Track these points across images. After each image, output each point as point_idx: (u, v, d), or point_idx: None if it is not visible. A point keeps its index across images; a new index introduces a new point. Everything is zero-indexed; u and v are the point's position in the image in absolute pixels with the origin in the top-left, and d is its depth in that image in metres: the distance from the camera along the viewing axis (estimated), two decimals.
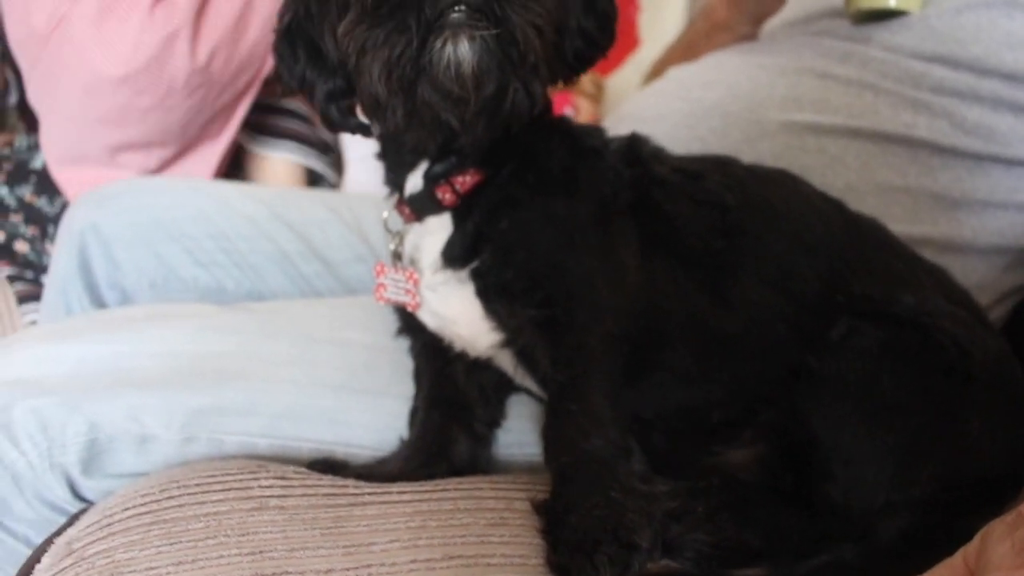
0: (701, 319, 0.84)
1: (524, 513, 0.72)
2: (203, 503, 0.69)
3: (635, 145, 0.92)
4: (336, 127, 0.81)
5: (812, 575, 0.70)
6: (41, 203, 1.67)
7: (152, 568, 0.63)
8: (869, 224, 0.92)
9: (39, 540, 0.84)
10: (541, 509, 0.72)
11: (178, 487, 0.72)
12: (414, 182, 0.85)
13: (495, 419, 0.91)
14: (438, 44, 0.66)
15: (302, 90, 0.81)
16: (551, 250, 0.81)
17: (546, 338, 0.81)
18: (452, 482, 0.77)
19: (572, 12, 0.78)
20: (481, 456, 0.89)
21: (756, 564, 0.71)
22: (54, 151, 1.61)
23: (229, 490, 0.72)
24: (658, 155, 0.92)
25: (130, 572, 0.63)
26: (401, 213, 0.88)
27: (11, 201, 1.66)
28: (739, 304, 0.84)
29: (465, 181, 0.82)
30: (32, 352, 0.89)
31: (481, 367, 0.90)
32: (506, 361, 0.87)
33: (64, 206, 1.64)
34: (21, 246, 1.66)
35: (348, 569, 0.65)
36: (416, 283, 0.87)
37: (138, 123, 1.54)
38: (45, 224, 1.66)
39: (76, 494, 0.86)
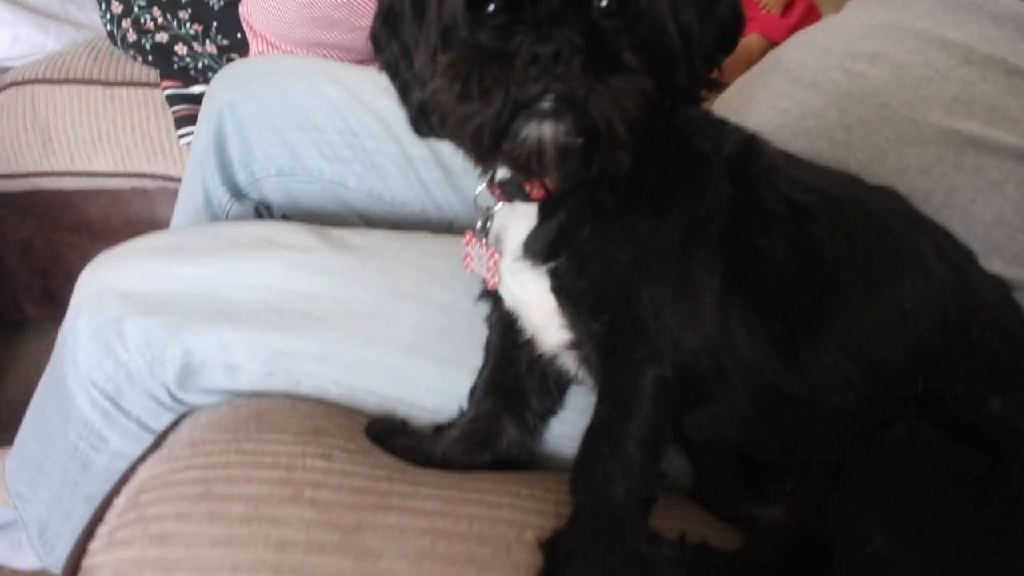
0: (767, 372, 0.81)
1: (530, 546, 0.76)
2: (249, 480, 0.78)
3: (749, 156, 0.84)
4: (423, 136, 0.79)
5: None
6: None
7: (191, 544, 0.73)
8: (989, 296, 0.82)
9: (150, 423, 0.98)
10: (545, 549, 0.76)
11: (236, 451, 0.81)
12: (504, 170, 0.83)
13: (552, 409, 0.93)
14: (523, 127, 0.66)
15: (394, 84, 0.80)
16: (626, 272, 0.78)
17: (603, 363, 0.81)
18: (476, 494, 0.81)
19: (678, 65, 0.71)
20: (527, 447, 0.92)
21: None
22: (258, 12, 1.63)
23: (275, 467, 0.79)
24: (770, 174, 0.84)
25: (173, 543, 0.73)
26: (492, 192, 0.87)
27: None
28: (810, 367, 0.80)
29: None
30: (147, 267, 0.98)
31: (547, 359, 0.91)
32: (570, 361, 0.88)
33: (228, 2, 1.69)
34: (180, 48, 1.73)
35: None
36: (496, 264, 0.87)
37: (347, 32, 1.57)
38: (209, 21, 1.71)
39: (176, 399, 0.98)
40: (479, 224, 0.89)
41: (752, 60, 1.69)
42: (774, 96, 1.07)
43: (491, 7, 0.68)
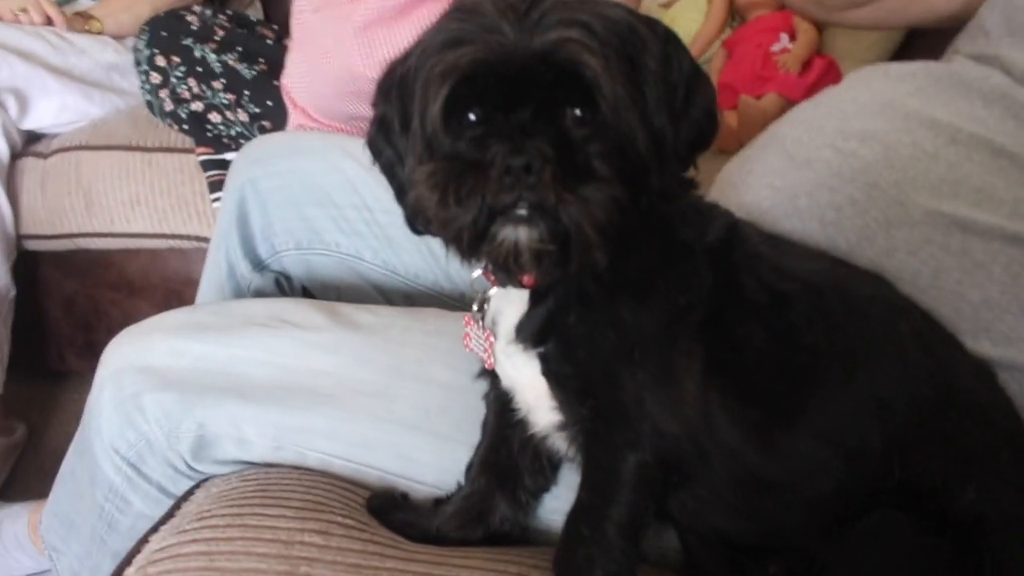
0: (745, 457, 0.83)
1: None
2: (249, 555, 0.82)
3: (732, 243, 0.87)
4: (417, 233, 0.83)
5: None
6: (241, 68, 1.80)
7: None
8: (971, 383, 0.84)
9: (169, 487, 1.04)
10: None
11: (239, 526, 0.86)
12: None
13: (544, 487, 0.97)
14: (500, 230, 0.69)
15: (392, 185, 0.84)
16: (609, 358, 0.81)
17: (586, 446, 0.84)
18: (465, 572, 0.84)
19: (650, 169, 0.75)
20: (519, 522, 0.95)
21: None
22: (300, 87, 1.68)
23: (274, 542, 0.84)
24: (752, 262, 0.86)
25: None
26: (487, 277, 0.91)
27: (216, 66, 1.81)
28: (787, 453, 0.82)
29: None
30: (164, 345, 1.04)
31: (539, 439, 0.94)
32: (561, 441, 0.91)
33: (260, 73, 1.76)
34: (214, 116, 1.82)
35: None
36: (492, 345, 0.91)
37: None
38: (241, 90, 1.80)
39: (192, 467, 1.03)
40: (476, 307, 0.93)
41: (767, 121, 1.71)
42: (770, 174, 1.10)
43: (469, 117, 0.72)
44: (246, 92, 1.79)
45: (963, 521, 0.75)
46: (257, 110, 1.79)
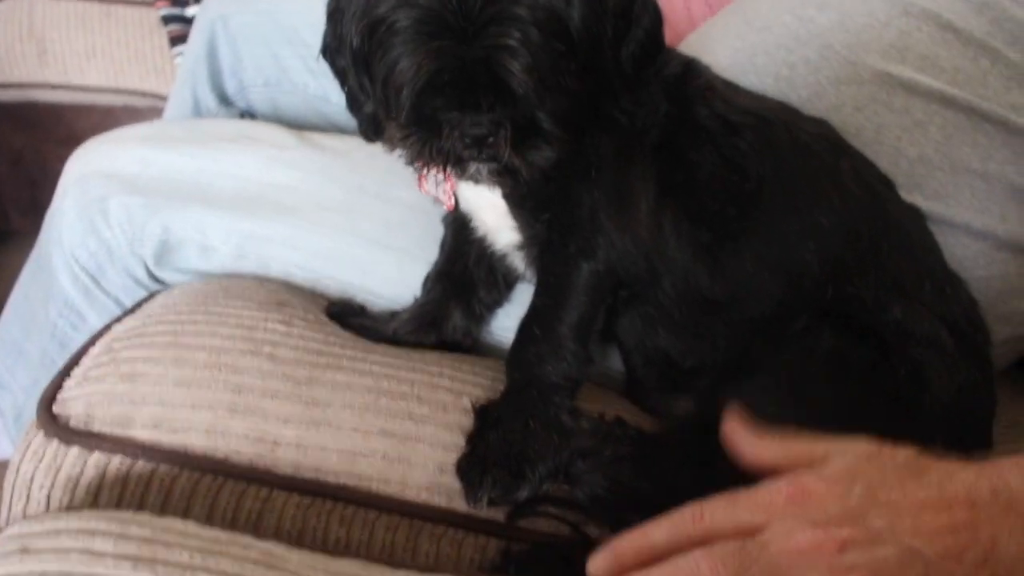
0: (694, 276, 0.88)
1: (465, 411, 0.84)
2: (214, 335, 0.85)
3: (686, 77, 0.91)
4: (369, 140, 0.88)
5: None
6: None
7: (157, 383, 0.81)
8: (902, 219, 0.90)
9: (126, 301, 1.06)
10: (477, 414, 0.84)
11: (203, 312, 0.89)
12: None
13: (498, 301, 1.01)
14: (468, 165, 0.78)
15: (343, 89, 0.87)
16: (567, 178, 0.86)
17: (541, 259, 0.89)
18: (420, 364, 0.89)
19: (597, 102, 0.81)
20: (472, 333, 1.00)
21: (646, 514, 0.80)
22: None
23: (238, 327, 0.87)
24: (706, 92, 0.91)
25: (141, 381, 0.81)
26: None
27: None
28: (732, 273, 0.88)
29: None
30: (133, 153, 1.05)
31: (497, 257, 0.98)
32: (519, 261, 0.96)
33: None
34: None
35: (301, 422, 0.80)
36: (452, 186, 0.94)
37: None
38: None
39: (153, 276, 1.05)
40: None
41: None
42: (730, 37, 1.15)
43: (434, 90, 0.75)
44: None
45: (886, 334, 0.82)
46: None
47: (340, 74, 0.86)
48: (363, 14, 0.78)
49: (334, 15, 0.83)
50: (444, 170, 0.80)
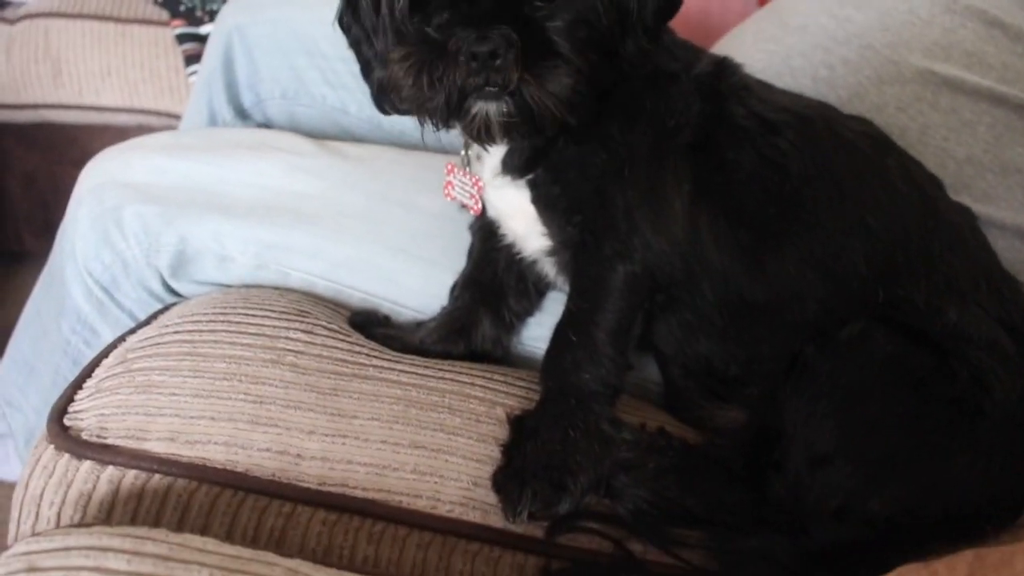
0: (734, 279, 0.84)
1: (499, 422, 0.80)
2: (233, 344, 0.81)
3: (720, 75, 0.87)
4: (384, 112, 0.84)
5: (740, 557, 0.74)
6: None
7: (175, 394, 0.76)
8: (953, 218, 0.86)
9: (141, 316, 1.02)
10: (513, 424, 0.79)
11: (222, 321, 0.85)
12: None
13: (528, 310, 0.97)
14: (472, 106, 0.72)
15: (359, 61, 0.84)
16: (599, 176, 0.82)
17: (575, 262, 0.85)
18: (450, 374, 0.84)
19: (615, 39, 0.76)
20: (502, 342, 0.95)
21: (690, 528, 0.75)
22: None
23: (259, 336, 0.83)
24: (742, 91, 0.87)
25: (157, 392, 0.76)
26: None
27: None
28: (775, 275, 0.83)
29: None
30: (149, 162, 1.01)
31: (527, 263, 0.94)
32: (549, 268, 0.91)
33: None
34: None
35: (326, 434, 0.75)
36: (480, 190, 0.91)
37: None
38: None
39: (169, 288, 1.01)
40: (463, 152, 0.92)
41: None
42: (763, 40, 1.12)
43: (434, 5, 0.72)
44: None
45: (942, 338, 0.77)
46: None
47: (355, 44, 0.83)
48: None
49: None
50: (446, 119, 0.74)
